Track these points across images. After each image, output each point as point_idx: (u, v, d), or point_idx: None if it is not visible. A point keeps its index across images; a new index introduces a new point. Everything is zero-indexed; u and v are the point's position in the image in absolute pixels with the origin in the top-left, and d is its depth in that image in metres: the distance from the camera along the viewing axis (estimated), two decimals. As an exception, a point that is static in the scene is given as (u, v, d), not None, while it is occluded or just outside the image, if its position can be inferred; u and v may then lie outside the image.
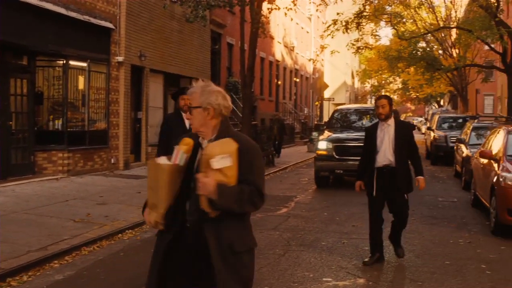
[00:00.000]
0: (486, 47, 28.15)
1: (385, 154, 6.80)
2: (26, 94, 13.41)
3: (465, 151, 14.58)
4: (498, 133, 10.79)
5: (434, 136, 21.13)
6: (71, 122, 14.62)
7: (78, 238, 7.87)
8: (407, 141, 6.88)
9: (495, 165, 9.37)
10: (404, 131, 6.93)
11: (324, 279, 6.29)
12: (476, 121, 16.76)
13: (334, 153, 13.84)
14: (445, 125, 22.76)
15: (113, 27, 15.72)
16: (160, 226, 3.29)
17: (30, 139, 13.54)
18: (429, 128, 23.74)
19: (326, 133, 15.04)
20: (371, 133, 7.02)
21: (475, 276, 6.55)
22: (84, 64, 14.85)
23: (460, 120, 22.93)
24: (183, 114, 6.48)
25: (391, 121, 6.90)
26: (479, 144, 14.39)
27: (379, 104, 6.87)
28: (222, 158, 3.10)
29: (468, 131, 16.12)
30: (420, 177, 6.90)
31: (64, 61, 14.12)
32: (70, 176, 13.89)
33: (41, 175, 13.55)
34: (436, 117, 23.99)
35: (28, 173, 13.33)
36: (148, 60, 17.52)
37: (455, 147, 17.17)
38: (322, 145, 14.32)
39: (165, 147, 6.23)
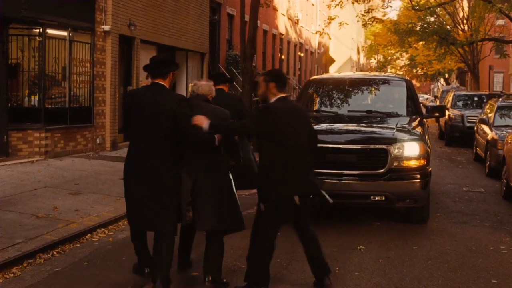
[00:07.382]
0: (499, 21, 26.47)
1: None
2: (-2, 66, 11.92)
3: (489, 133, 13.00)
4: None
5: (449, 115, 19.49)
6: (50, 98, 13.09)
7: (34, 241, 6.40)
8: None
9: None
10: None
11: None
12: (500, 99, 15.16)
13: None
14: (460, 103, 21.13)
15: (98, -8, 14.11)
16: None
17: (3, 116, 12.04)
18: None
19: None
20: None
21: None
22: (65, 33, 13.26)
23: (476, 98, 21.41)
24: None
25: None
26: (506, 126, 12.91)
27: None
28: None
29: (492, 111, 14.50)
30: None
31: (41, 29, 12.55)
32: (48, 159, 12.42)
33: (15, 158, 12.09)
34: (451, 95, 22.31)
35: (1, 155, 11.90)
36: (139, 30, 15.90)
37: (475, 128, 15.60)
38: None
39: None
